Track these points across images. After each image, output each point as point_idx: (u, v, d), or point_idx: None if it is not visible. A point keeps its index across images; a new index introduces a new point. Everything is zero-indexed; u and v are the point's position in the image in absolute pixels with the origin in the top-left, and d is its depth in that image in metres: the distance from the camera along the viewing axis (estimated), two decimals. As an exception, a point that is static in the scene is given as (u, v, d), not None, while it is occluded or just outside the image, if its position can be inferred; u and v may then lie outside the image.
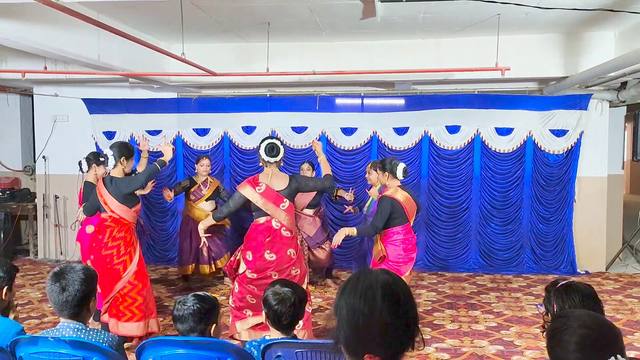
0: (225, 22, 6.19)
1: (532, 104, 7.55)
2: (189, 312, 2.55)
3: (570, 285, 2.51)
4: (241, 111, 7.98)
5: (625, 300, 6.31)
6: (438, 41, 6.91)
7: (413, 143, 7.77)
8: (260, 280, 4.37)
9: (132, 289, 4.68)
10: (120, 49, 5.92)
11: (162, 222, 8.30)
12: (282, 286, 2.67)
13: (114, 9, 5.51)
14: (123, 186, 4.69)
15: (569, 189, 7.59)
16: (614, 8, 5.29)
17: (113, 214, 4.71)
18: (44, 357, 2.42)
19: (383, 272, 1.49)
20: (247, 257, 4.44)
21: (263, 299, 2.69)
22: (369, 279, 1.46)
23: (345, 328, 1.43)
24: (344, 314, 1.44)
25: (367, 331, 1.41)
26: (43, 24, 4.95)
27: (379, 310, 1.40)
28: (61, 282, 2.43)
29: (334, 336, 1.47)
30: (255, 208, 4.49)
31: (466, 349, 4.81)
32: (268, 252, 4.39)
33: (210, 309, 2.63)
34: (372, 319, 1.40)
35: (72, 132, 8.21)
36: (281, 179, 4.52)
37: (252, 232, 4.50)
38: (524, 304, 6.15)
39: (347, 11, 5.64)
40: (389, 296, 1.42)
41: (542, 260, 7.69)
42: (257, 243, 4.43)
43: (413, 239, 4.84)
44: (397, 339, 1.43)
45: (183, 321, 2.56)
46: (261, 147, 4.51)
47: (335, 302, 1.48)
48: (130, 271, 4.68)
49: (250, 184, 4.49)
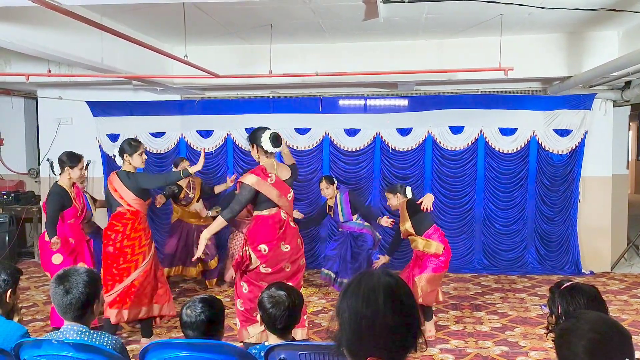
0: (228, 24, 6.20)
1: (535, 104, 7.53)
2: (201, 320, 2.56)
3: (574, 286, 2.50)
4: (244, 113, 7.99)
5: (631, 301, 6.28)
6: (441, 42, 6.91)
7: (416, 144, 7.76)
8: (274, 274, 4.20)
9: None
10: (124, 52, 5.93)
11: (166, 225, 8.25)
12: (278, 289, 2.66)
13: (117, 12, 5.53)
14: (141, 181, 4.82)
15: (574, 189, 7.56)
16: (617, 8, 5.27)
17: (130, 207, 4.77)
18: (48, 360, 2.43)
19: (385, 274, 1.48)
20: (262, 250, 4.21)
21: (258, 302, 2.69)
22: (371, 281, 1.45)
23: (348, 331, 1.43)
24: (346, 317, 1.43)
25: (369, 334, 1.40)
26: (46, 27, 4.97)
27: (382, 312, 1.40)
28: (65, 285, 2.44)
29: (336, 339, 1.47)
30: (263, 200, 4.26)
31: (471, 350, 4.80)
32: (283, 243, 4.26)
33: (220, 314, 2.65)
34: (375, 321, 1.40)
35: (76, 134, 8.22)
36: (284, 169, 4.45)
37: (261, 225, 4.26)
38: (528, 305, 6.13)
39: (350, 12, 5.64)
40: (391, 298, 1.42)
41: (546, 260, 7.67)
42: (271, 235, 4.23)
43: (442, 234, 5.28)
44: (400, 341, 1.43)
45: (194, 328, 2.57)
46: (263, 138, 4.26)
47: (337, 304, 1.48)
48: (147, 261, 4.79)
49: (260, 175, 4.23)
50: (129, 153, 4.83)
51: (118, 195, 4.78)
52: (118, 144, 8.06)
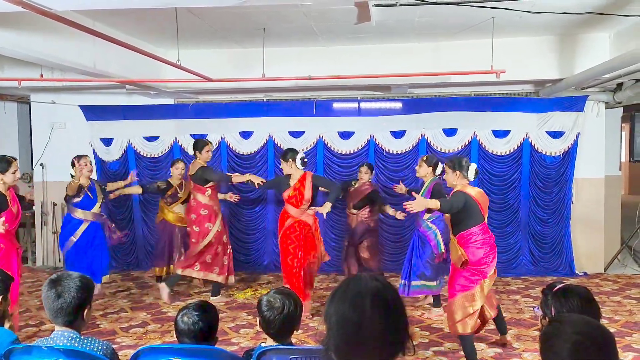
0: (221, 29, 6.21)
1: (528, 106, 7.56)
2: (199, 328, 2.56)
3: (567, 288, 2.51)
4: (238, 116, 7.99)
5: (624, 302, 6.31)
6: (434, 45, 6.93)
7: (410, 146, 7.77)
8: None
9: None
10: (117, 56, 5.93)
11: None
12: (276, 293, 2.66)
13: (109, 17, 5.53)
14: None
15: (567, 190, 7.59)
16: (606, 11, 5.30)
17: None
18: (38, 365, 2.42)
19: (372, 278, 1.49)
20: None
21: (257, 304, 2.70)
22: (358, 285, 1.46)
23: (335, 335, 1.43)
24: (333, 321, 1.44)
25: (356, 338, 1.41)
26: (39, 33, 4.97)
27: (369, 317, 1.41)
28: (57, 289, 2.43)
29: (324, 343, 1.47)
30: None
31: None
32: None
33: (215, 320, 2.66)
34: (361, 325, 1.40)
35: (70, 139, 8.20)
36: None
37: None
38: (522, 306, 6.14)
39: (343, 16, 5.66)
40: (378, 303, 1.42)
41: (540, 262, 7.69)
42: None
43: (492, 238, 4.46)
44: (387, 345, 1.43)
45: (191, 336, 2.57)
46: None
47: (325, 309, 1.49)
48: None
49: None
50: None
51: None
52: (111, 148, 8.19)
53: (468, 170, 4.42)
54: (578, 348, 1.65)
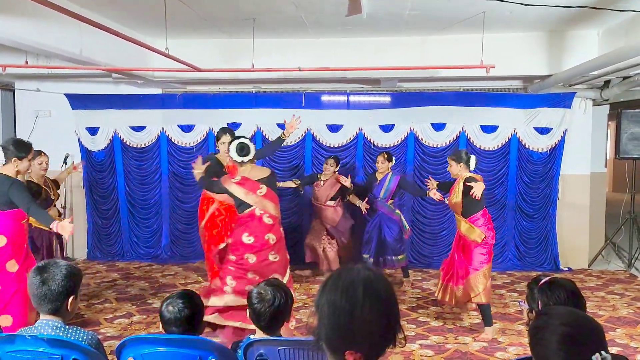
0: (210, 18, 6.15)
1: (516, 102, 7.59)
2: (185, 315, 2.55)
3: (553, 281, 2.51)
4: (226, 107, 7.92)
5: (608, 297, 6.37)
6: (424, 38, 6.92)
7: (399, 140, 7.77)
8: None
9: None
10: (103, 44, 5.84)
11: (146, 219, 8.22)
12: (267, 285, 2.64)
13: (96, 3, 5.44)
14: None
15: (553, 186, 7.64)
16: (597, 6, 5.33)
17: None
18: (21, 355, 2.37)
19: (365, 268, 1.47)
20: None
21: (247, 296, 2.67)
22: (350, 275, 1.44)
23: (326, 325, 1.42)
24: (325, 311, 1.42)
25: (348, 328, 1.39)
26: (23, 18, 4.87)
27: (360, 306, 1.39)
28: (42, 275, 2.40)
29: (315, 333, 1.45)
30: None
31: (450, 346, 4.82)
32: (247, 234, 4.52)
33: (200, 308, 2.63)
34: (353, 315, 1.39)
35: (55, 127, 8.08)
36: (260, 170, 4.71)
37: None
38: (507, 301, 6.18)
39: (333, 7, 5.62)
40: (370, 292, 1.41)
41: (525, 257, 7.75)
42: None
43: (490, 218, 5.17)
44: (379, 336, 1.42)
45: (178, 325, 2.55)
46: (231, 150, 4.53)
47: (316, 299, 1.47)
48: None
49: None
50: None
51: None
52: (97, 137, 8.07)
53: (469, 161, 5.12)
54: (566, 339, 1.65)
